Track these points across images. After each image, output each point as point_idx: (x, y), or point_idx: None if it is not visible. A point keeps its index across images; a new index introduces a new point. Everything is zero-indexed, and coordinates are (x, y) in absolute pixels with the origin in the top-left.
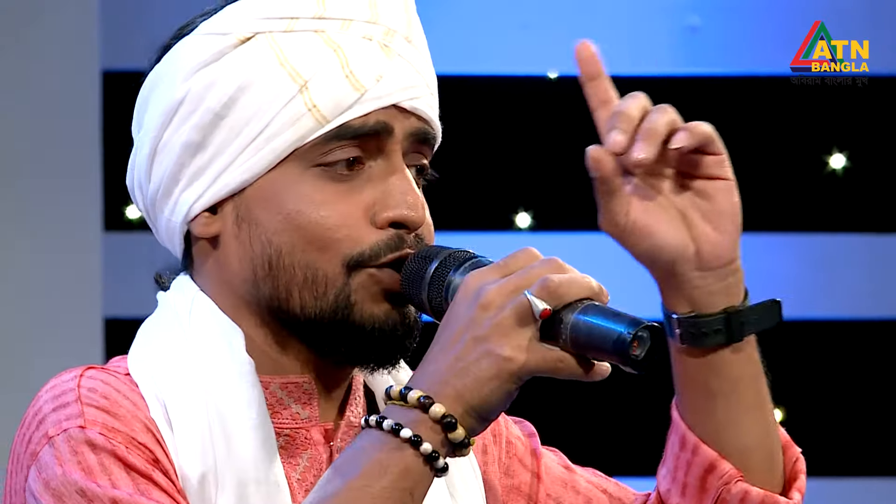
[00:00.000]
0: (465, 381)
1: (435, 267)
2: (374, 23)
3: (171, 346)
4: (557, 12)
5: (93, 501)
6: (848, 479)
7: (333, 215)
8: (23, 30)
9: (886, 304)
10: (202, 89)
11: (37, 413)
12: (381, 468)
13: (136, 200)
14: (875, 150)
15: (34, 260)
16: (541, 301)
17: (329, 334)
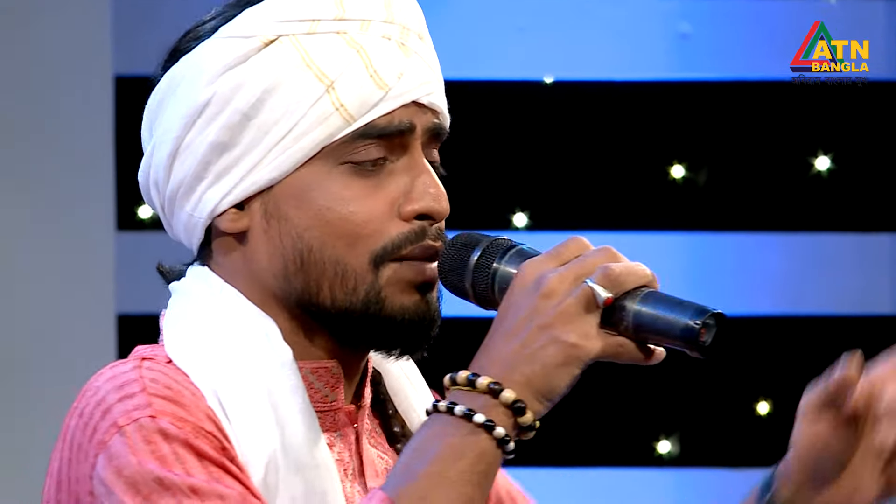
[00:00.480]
0: (532, 368)
1: (478, 255)
2: (390, 22)
3: (211, 336)
4: (553, 19)
5: (170, 489)
6: None
7: (362, 211)
8: (39, 37)
9: (870, 300)
10: (229, 91)
11: (100, 402)
12: (456, 453)
13: (151, 197)
14: (858, 152)
15: (50, 258)
16: (603, 289)
17: (360, 326)
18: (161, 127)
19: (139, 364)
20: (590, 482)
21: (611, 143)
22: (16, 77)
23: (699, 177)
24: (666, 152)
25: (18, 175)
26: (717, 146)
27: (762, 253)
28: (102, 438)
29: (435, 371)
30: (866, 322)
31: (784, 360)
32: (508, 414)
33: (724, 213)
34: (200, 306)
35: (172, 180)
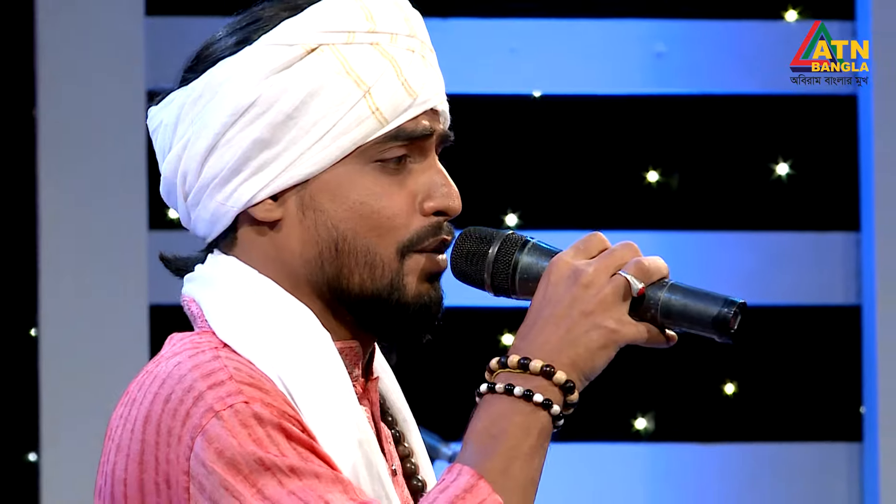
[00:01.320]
0: (577, 351)
1: (497, 249)
2: (412, 36)
3: (262, 324)
4: (541, 41)
5: (270, 469)
6: (791, 443)
7: (391, 205)
8: (79, 54)
9: (826, 292)
10: (274, 93)
11: (189, 390)
12: (524, 430)
13: (174, 186)
14: (814, 159)
15: (90, 255)
16: (636, 280)
17: (381, 311)
18: (197, 124)
19: (218, 354)
20: (574, 455)
21: (592, 151)
22: (63, 95)
23: (672, 181)
24: (642, 159)
25: (64, 181)
26: (687, 154)
27: (728, 250)
28: (199, 423)
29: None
30: (822, 312)
31: (748, 346)
32: (560, 393)
33: (693, 214)
34: (241, 295)
35: (205, 173)
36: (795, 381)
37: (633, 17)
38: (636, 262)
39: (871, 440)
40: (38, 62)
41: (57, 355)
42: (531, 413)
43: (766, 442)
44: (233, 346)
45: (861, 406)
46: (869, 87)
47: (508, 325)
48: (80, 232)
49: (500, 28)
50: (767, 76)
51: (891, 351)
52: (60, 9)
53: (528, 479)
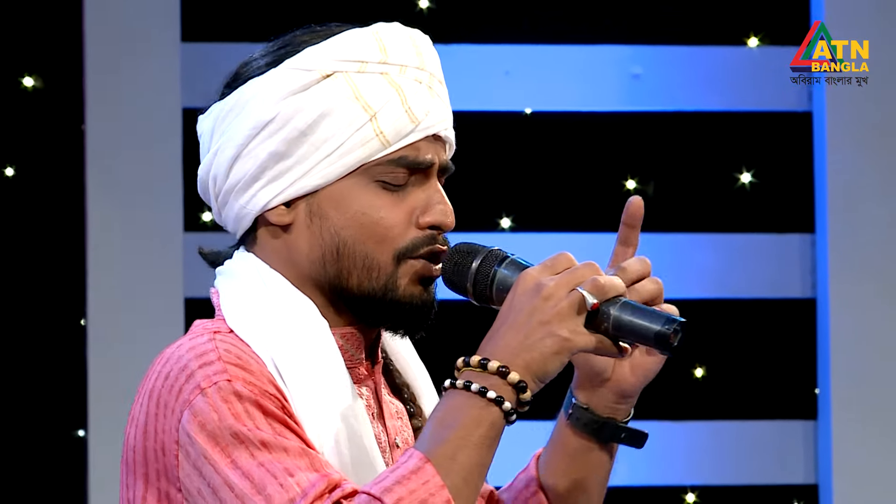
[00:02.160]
0: (532, 355)
1: (479, 262)
2: (421, 69)
3: (264, 312)
4: (532, 63)
5: (244, 442)
6: (754, 421)
7: (389, 217)
8: (123, 75)
9: (782, 286)
10: (291, 112)
11: (183, 368)
12: (476, 422)
13: (207, 189)
14: (774, 169)
15: (132, 254)
16: (591, 296)
17: (376, 308)
18: (225, 135)
19: (213, 337)
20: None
21: (577, 161)
22: (108, 112)
23: (648, 188)
24: (621, 169)
25: (109, 188)
26: (661, 164)
27: (698, 249)
28: (188, 398)
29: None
30: (781, 304)
31: (715, 334)
32: (513, 392)
33: (667, 217)
34: (252, 287)
35: (231, 178)
36: (758, 366)
37: (612, 43)
38: (593, 280)
39: (825, 418)
40: (86, 83)
41: (103, 342)
42: (484, 407)
43: (732, 420)
44: (236, 332)
45: (816, 388)
46: (822, 106)
47: None
48: (124, 233)
49: (495, 53)
50: (732, 95)
51: (842, 339)
52: (106, 36)
53: (473, 465)
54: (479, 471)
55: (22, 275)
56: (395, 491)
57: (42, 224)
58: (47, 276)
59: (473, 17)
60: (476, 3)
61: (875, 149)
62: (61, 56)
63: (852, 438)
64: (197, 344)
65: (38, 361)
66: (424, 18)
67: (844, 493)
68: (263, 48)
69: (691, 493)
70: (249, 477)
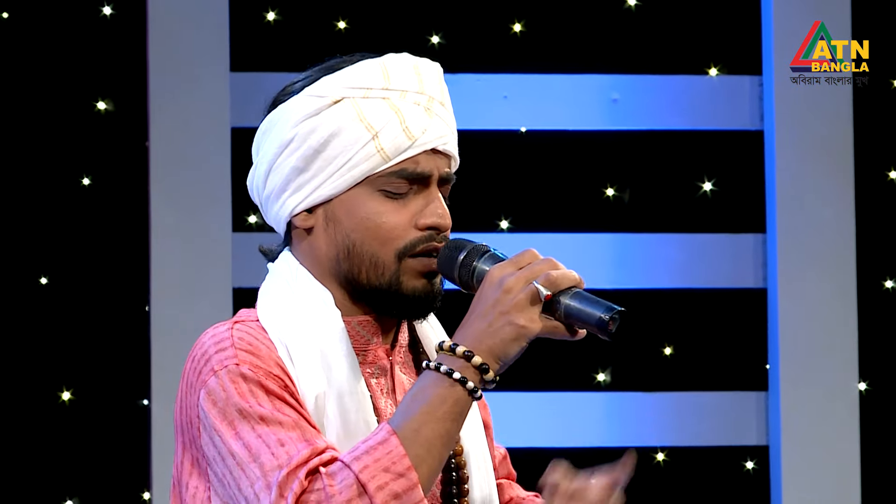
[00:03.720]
0: (494, 341)
1: (464, 255)
2: (421, 93)
3: (285, 303)
4: (526, 89)
5: (246, 417)
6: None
7: (390, 221)
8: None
9: (737, 278)
10: (306, 133)
11: (204, 353)
12: (441, 399)
13: (254, 197)
14: (731, 179)
15: (188, 251)
16: (544, 288)
17: (385, 300)
18: (261, 152)
19: (232, 326)
20: (548, 402)
21: (565, 172)
22: (169, 131)
23: (624, 195)
24: (601, 179)
25: (169, 196)
26: (635, 174)
27: (666, 247)
28: (204, 379)
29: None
30: (737, 293)
31: (681, 318)
32: (476, 372)
33: (640, 220)
34: (282, 281)
35: (266, 189)
36: (717, 345)
37: (594, 72)
38: (547, 275)
39: (774, 389)
40: (150, 106)
41: (163, 325)
42: (449, 387)
43: (696, 391)
44: (261, 319)
45: (766, 364)
46: (771, 126)
47: None
48: (181, 233)
49: (496, 80)
50: (695, 116)
51: (788, 323)
52: (167, 66)
53: (437, 436)
54: (443, 441)
55: (96, 268)
56: (362, 459)
57: (113, 226)
58: (117, 269)
59: (477, 51)
60: (479, 38)
61: (816, 162)
62: (129, 83)
63: (797, 407)
64: (218, 332)
65: (110, 341)
66: (436, 51)
67: (791, 452)
68: (302, 74)
69: (661, 453)
70: (248, 447)
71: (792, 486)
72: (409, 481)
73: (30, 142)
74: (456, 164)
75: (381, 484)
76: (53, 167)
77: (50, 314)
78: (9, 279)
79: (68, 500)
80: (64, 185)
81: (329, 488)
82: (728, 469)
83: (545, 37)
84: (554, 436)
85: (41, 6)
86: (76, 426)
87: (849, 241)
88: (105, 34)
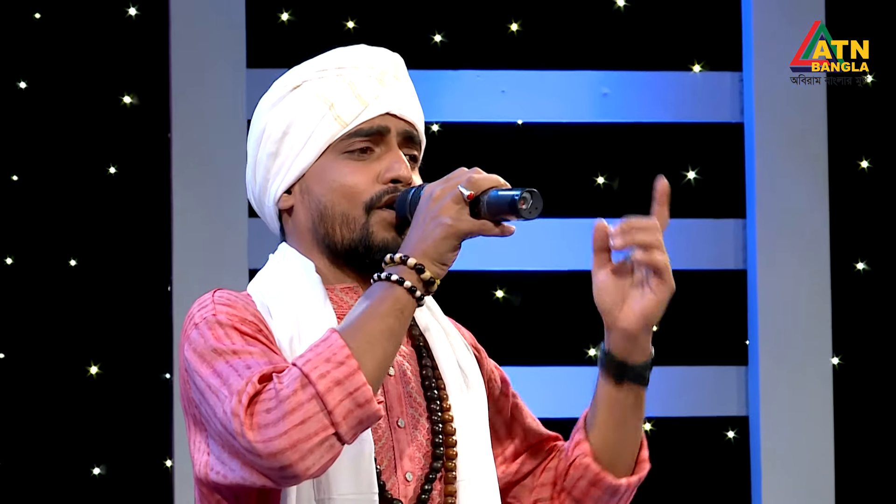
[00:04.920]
0: (427, 244)
1: (412, 193)
2: (372, 67)
3: (271, 275)
4: (523, 84)
5: (221, 354)
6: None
7: (355, 180)
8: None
9: (722, 260)
10: (273, 120)
11: (190, 316)
12: (381, 299)
13: (251, 200)
14: (714, 168)
15: (207, 234)
16: (467, 189)
17: (359, 254)
18: (248, 156)
19: (214, 291)
20: (544, 376)
21: (558, 161)
22: (189, 123)
23: (614, 183)
24: (593, 168)
25: (189, 183)
26: (624, 164)
27: None
28: (188, 333)
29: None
30: (720, 274)
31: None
32: (413, 272)
33: (629, 207)
34: (272, 263)
35: (256, 185)
36: (700, 322)
37: (586, 69)
38: (468, 178)
39: (754, 364)
40: (172, 100)
41: (185, 304)
42: (389, 288)
43: (681, 365)
44: (248, 289)
45: (746, 340)
46: (751, 118)
47: (500, 283)
48: (201, 218)
49: (494, 76)
50: (680, 110)
51: (767, 301)
52: (187, 63)
53: (378, 331)
54: (386, 336)
55: (122, 251)
56: (305, 355)
57: (137, 211)
58: (141, 252)
59: (477, 49)
60: (479, 37)
61: (792, 152)
62: (152, 79)
63: (775, 380)
64: (202, 297)
65: (134, 319)
66: (438, 50)
67: (769, 422)
68: None
69: (648, 423)
70: (220, 375)
71: (770, 453)
72: (349, 368)
73: (60, 133)
74: (419, 133)
75: (322, 372)
76: (82, 157)
77: (79, 294)
78: (40, 261)
79: (96, 466)
80: (92, 173)
81: (277, 385)
82: (711, 438)
83: (540, 36)
84: (548, 407)
85: (71, 8)
86: (103, 398)
87: (823, 225)
88: (130, 33)
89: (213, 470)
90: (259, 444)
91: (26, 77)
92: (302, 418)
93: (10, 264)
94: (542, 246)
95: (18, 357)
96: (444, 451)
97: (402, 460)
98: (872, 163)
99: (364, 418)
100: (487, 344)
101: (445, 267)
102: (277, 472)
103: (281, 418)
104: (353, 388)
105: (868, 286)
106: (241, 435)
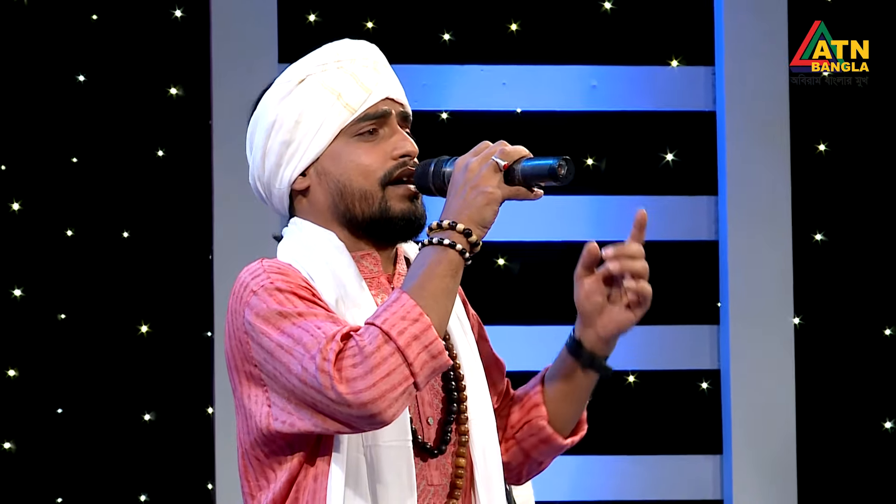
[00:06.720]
0: (471, 210)
1: (433, 166)
2: (366, 58)
3: (299, 245)
4: (522, 77)
5: (287, 316)
6: (673, 326)
7: (368, 158)
8: (236, 87)
9: (696, 232)
10: (284, 111)
11: (242, 283)
12: (437, 261)
13: (256, 187)
14: (689, 151)
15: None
16: (501, 160)
17: (378, 226)
18: (253, 145)
19: (262, 260)
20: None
21: (553, 146)
22: (228, 113)
23: (601, 164)
24: (582, 150)
25: (229, 166)
26: (610, 147)
27: (634, 206)
28: (247, 300)
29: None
30: (695, 244)
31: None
32: (462, 237)
33: (615, 185)
34: (293, 237)
35: (266, 172)
36: (677, 287)
37: (577, 64)
38: (501, 150)
39: (724, 322)
40: (213, 92)
41: (224, 271)
42: (442, 251)
43: (660, 325)
44: (282, 258)
45: (718, 302)
46: (722, 107)
47: (502, 252)
48: (240, 196)
49: (496, 70)
50: (660, 99)
51: (736, 269)
52: (227, 58)
53: (439, 290)
54: (445, 293)
55: (169, 225)
56: (381, 315)
57: (182, 189)
58: (186, 225)
59: (481, 46)
60: (483, 36)
61: (758, 137)
62: (195, 73)
63: (743, 336)
64: (250, 267)
65: (180, 284)
66: (447, 47)
67: (738, 375)
68: None
69: (632, 376)
70: (291, 335)
71: (739, 402)
72: (423, 324)
73: (114, 121)
74: (410, 113)
75: (401, 329)
76: (133, 142)
77: (131, 263)
78: (97, 234)
79: (146, 413)
80: (142, 156)
81: (360, 342)
82: (687, 388)
83: (537, 35)
84: (542, 362)
85: (124, 9)
86: (152, 354)
87: (785, 201)
88: (176, 33)
89: (278, 420)
90: (350, 396)
91: (85, 71)
92: (387, 371)
93: (70, 236)
94: (539, 219)
95: (78, 318)
96: (457, 395)
97: (423, 406)
98: (829, 147)
99: (437, 367)
100: (490, 306)
101: (486, 230)
102: (367, 419)
103: (369, 371)
104: (428, 342)
105: (825, 255)
106: (330, 388)
